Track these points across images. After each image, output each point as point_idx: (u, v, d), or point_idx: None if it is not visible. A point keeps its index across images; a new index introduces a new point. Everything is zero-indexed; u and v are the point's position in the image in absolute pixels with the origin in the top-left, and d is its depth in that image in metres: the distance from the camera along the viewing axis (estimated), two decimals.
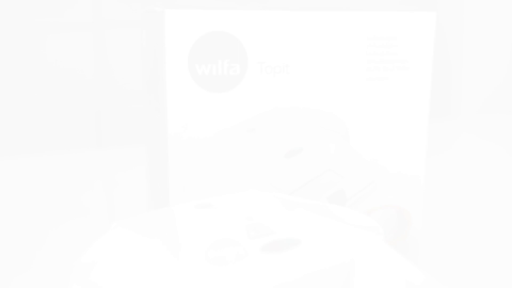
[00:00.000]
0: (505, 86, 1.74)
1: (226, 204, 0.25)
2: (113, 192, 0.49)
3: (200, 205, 0.24)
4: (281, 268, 0.19)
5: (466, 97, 1.71)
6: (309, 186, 0.30)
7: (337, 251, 0.21)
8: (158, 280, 0.18)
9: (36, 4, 1.31)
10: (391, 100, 0.31)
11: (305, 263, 0.20)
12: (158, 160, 0.30)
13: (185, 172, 0.28)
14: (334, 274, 0.21)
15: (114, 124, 1.40)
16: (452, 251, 0.37)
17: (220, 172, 0.29)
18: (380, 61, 0.30)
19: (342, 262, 0.21)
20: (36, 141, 1.36)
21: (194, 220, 0.23)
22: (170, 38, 0.27)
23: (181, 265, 0.19)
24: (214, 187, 0.29)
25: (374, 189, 0.32)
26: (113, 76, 1.40)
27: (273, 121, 0.29)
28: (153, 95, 0.30)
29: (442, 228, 0.41)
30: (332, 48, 0.29)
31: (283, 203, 0.25)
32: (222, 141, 0.29)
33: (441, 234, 0.40)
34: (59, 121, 1.37)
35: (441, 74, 1.78)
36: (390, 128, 0.31)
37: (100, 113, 1.39)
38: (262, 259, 0.19)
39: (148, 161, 0.34)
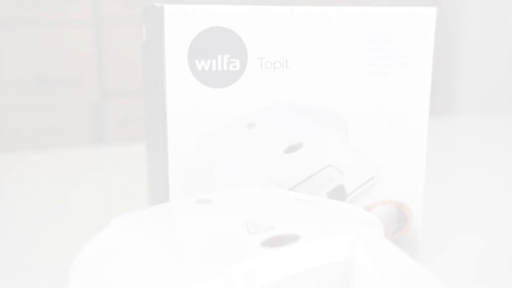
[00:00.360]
0: (505, 83, 1.73)
1: (226, 199, 0.25)
2: (113, 189, 0.49)
3: (200, 200, 0.24)
4: (281, 263, 0.19)
5: (466, 95, 1.71)
6: (309, 182, 0.30)
7: (337, 247, 0.21)
8: (157, 276, 0.18)
9: (36, 1, 1.31)
10: (391, 95, 0.31)
11: (305, 259, 0.20)
12: (158, 156, 0.30)
13: (185, 168, 0.28)
14: (334, 269, 0.21)
15: (114, 121, 1.40)
16: (452, 247, 0.37)
17: (219, 167, 0.29)
18: (380, 57, 0.30)
19: (342, 258, 0.21)
20: (35, 139, 1.36)
21: (194, 215, 0.22)
22: (169, 33, 0.27)
23: (180, 260, 0.19)
24: (214, 182, 0.29)
25: (374, 184, 0.32)
26: (112, 72, 1.40)
27: (273, 116, 0.29)
28: (153, 91, 0.30)
29: (442, 224, 0.41)
30: (332, 44, 0.29)
31: (283, 199, 0.25)
32: (222, 136, 0.29)
33: (441, 230, 0.40)
34: (59, 119, 1.37)
35: (440, 71, 1.78)
36: (390, 123, 0.31)
37: (100, 109, 1.39)
38: (262, 254, 0.19)
39: (147, 156, 0.34)
